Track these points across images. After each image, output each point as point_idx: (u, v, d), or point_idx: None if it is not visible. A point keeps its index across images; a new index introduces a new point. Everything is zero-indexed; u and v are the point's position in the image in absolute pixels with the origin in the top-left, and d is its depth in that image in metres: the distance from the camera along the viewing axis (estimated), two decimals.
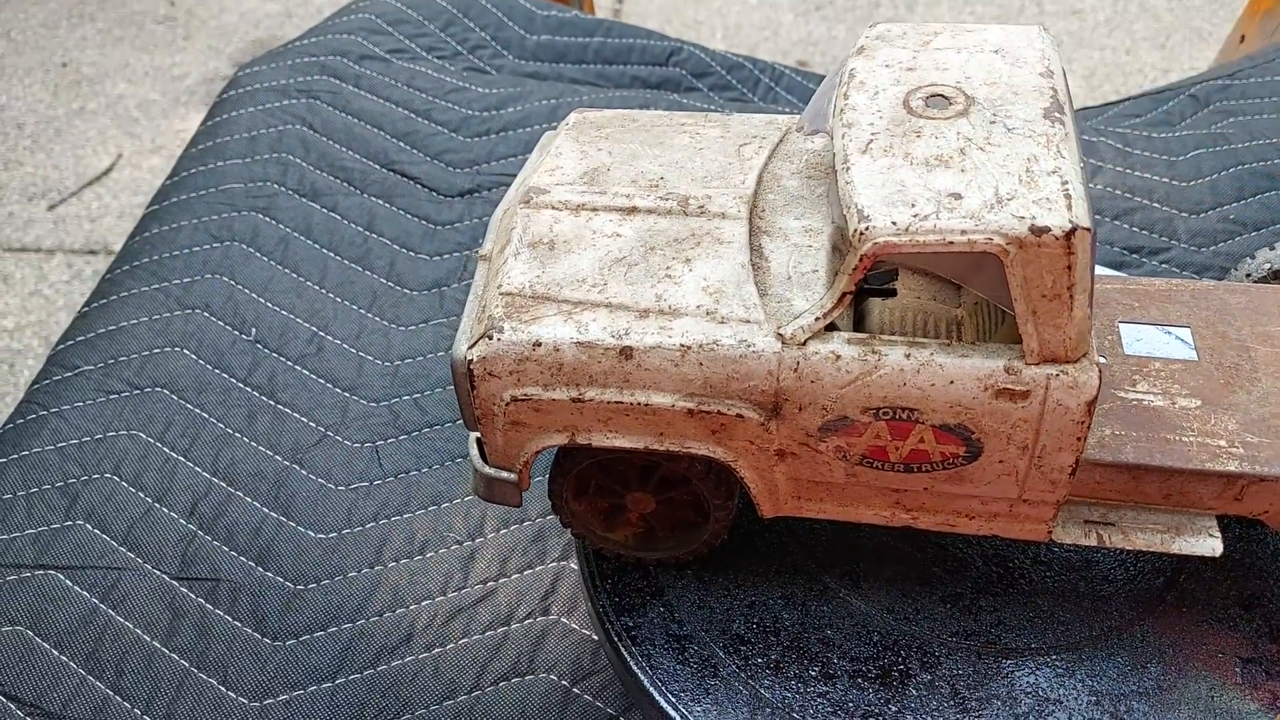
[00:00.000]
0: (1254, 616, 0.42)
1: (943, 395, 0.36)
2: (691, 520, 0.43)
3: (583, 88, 0.85)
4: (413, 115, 0.80)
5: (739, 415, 0.38)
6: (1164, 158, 0.77)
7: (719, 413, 0.38)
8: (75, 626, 0.52)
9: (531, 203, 0.42)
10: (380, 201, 0.74)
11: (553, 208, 0.41)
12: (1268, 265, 0.47)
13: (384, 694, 0.50)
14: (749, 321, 0.37)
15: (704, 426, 0.38)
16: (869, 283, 0.41)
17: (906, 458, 0.38)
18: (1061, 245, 0.34)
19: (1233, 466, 0.39)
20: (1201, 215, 0.72)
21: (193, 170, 0.77)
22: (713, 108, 0.83)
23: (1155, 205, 0.73)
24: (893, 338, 0.37)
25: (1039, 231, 0.34)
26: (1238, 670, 0.41)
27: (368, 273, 0.70)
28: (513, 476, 0.41)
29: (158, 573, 0.54)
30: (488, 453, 0.41)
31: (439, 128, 0.79)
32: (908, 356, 0.36)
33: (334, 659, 0.51)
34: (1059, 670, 0.41)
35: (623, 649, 0.42)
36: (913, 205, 0.35)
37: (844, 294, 0.36)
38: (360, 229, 0.72)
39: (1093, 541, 0.40)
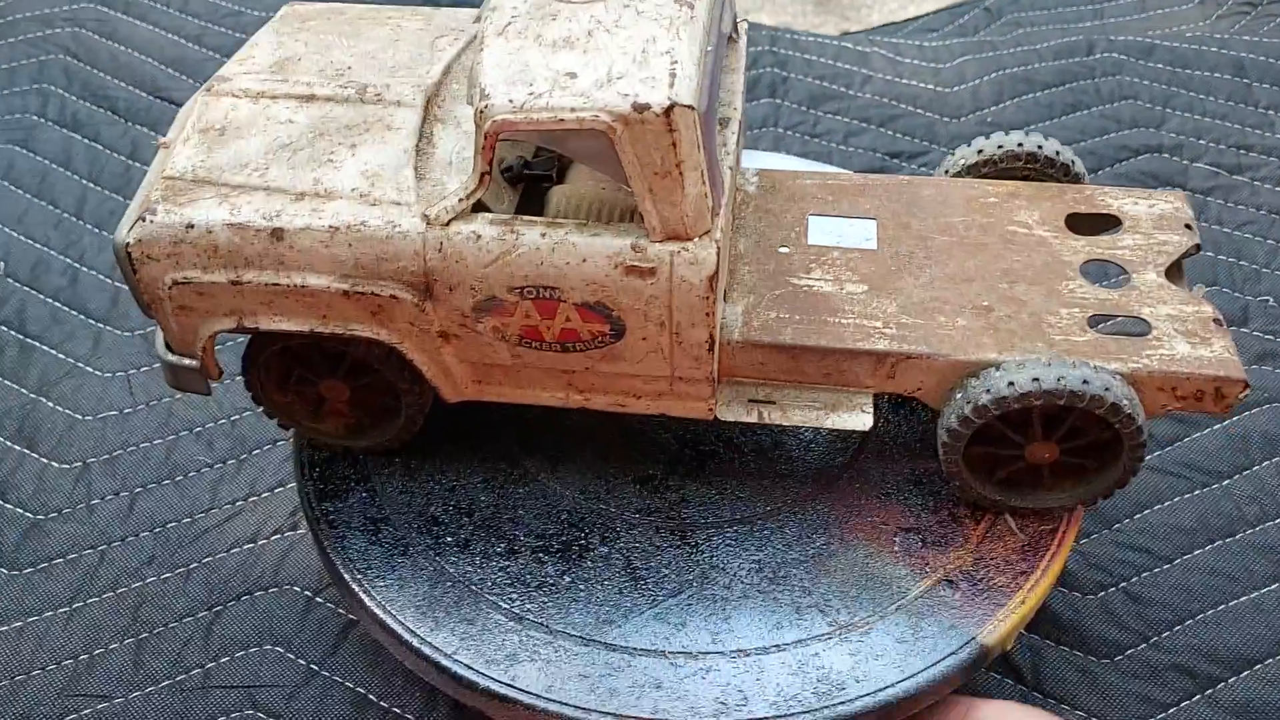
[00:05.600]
0: (921, 492, 0.44)
1: (578, 273, 0.37)
2: (391, 407, 0.44)
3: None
4: (183, 41, 0.78)
5: (393, 296, 0.38)
6: (931, 65, 0.79)
7: (373, 294, 0.38)
8: None
9: (213, 90, 0.42)
10: (146, 130, 0.72)
11: (233, 95, 0.41)
12: (963, 161, 0.49)
13: (122, 615, 0.49)
14: (400, 204, 0.38)
15: (362, 308, 0.39)
16: (532, 168, 0.41)
17: (559, 336, 0.39)
18: (662, 122, 0.35)
19: (881, 345, 0.41)
20: (961, 120, 0.75)
21: None
22: None
23: (919, 111, 0.75)
24: (533, 219, 0.38)
25: (640, 109, 0.35)
26: (895, 540, 0.43)
27: (129, 201, 0.68)
28: (194, 363, 0.41)
29: None
30: (168, 340, 0.41)
31: (211, 53, 0.77)
32: (544, 236, 0.37)
33: (72, 585, 0.50)
34: (730, 542, 0.43)
35: (319, 533, 0.43)
36: (530, 85, 0.36)
37: (482, 174, 0.37)
38: (123, 158, 0.70)
39: (754, 418, 0.41)
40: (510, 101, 0.35)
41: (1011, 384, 0.39)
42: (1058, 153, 0.48)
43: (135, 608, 0.50)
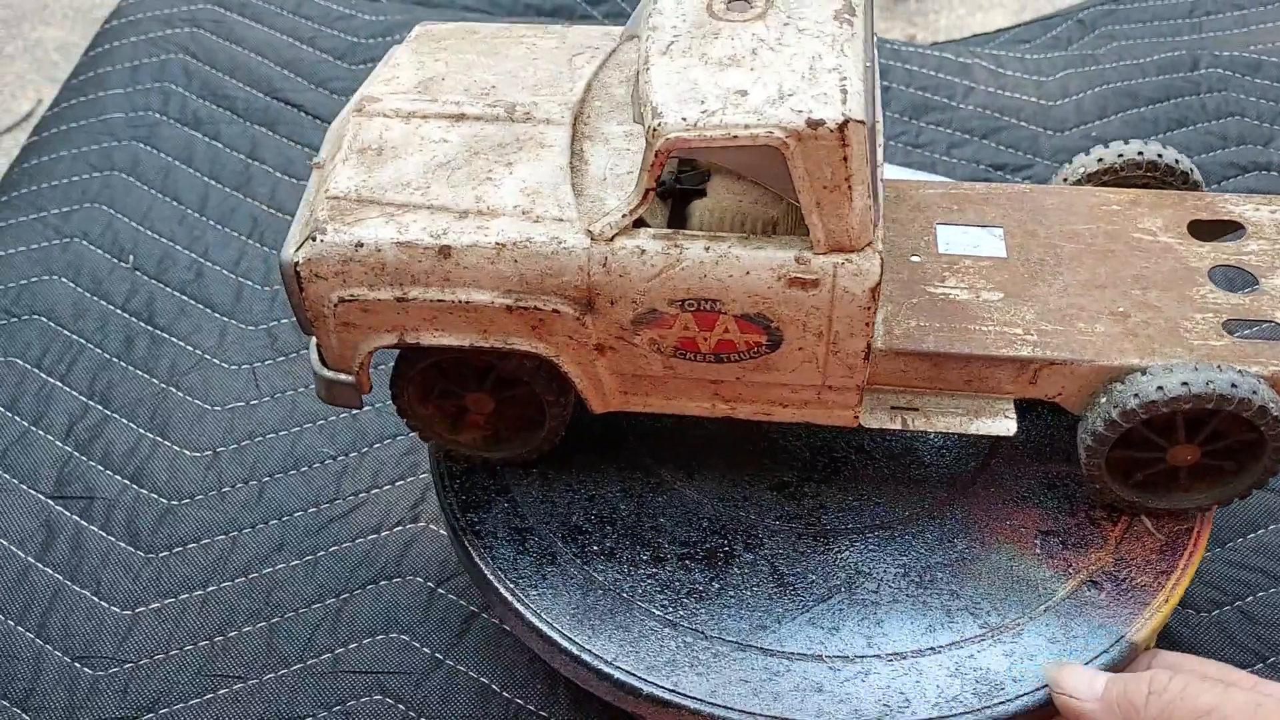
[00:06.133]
0: (1055, 495, 0.45)
1: (740, 286, 0.38)
2: (532, 419, 0.45)
3: (474, 16, 0.86)
4: (297, 43, 0.80)
5: (555, 310, 0.39)
6: (1033, 78, 0.79)
7: (536, 308, 0.39)
8: None
9: (364, 110, 0.43)
10: (263, 129, 0.74)
11: (384, 115, 0.42)
12: (1082, 169, 0.49)
13: (254, 599, 0.51)
14: (562, 220, 0.39)
15: (524, 322, 0.40)
16: (683, 183, 0.42)
17: (715, 348, 0.40)
18: (836, 138, 0.36)
19: (1025, 352, 0.41)
20: (1065, 133, 0.75)
21: (73, 101, 0.76)
22: None
23: (1022, 124, 0.75)
24: (695, 233, 0.39)
25: (814, 124, 0.36)
26: (1036, 542, 0.44)
27: (249, 200, 0.70)
28: (350, 378, 0.42)
29: (33, 493, 0.55)
30: (325, 356, 0.42)
31: (324, 55, 0.80)
32: (707, 250, 0.38)
33: (206, 569, 0.52)
34: (872, 547, 0.44)
35: (467, 543, 0.44)
36: (702, 103, 0.37)
37: (647, 190, 0.38)
38: (242, 157, 0.73)
39: (897, 425, 0.42)
40: (683, 120, 0.36)
41: (1160, 388, 0.39)
42: (1177, 160, 0.49)
43: (267, 592, 0.52)
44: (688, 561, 0.43)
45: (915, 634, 0.41)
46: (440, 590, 0.51)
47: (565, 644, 0.41)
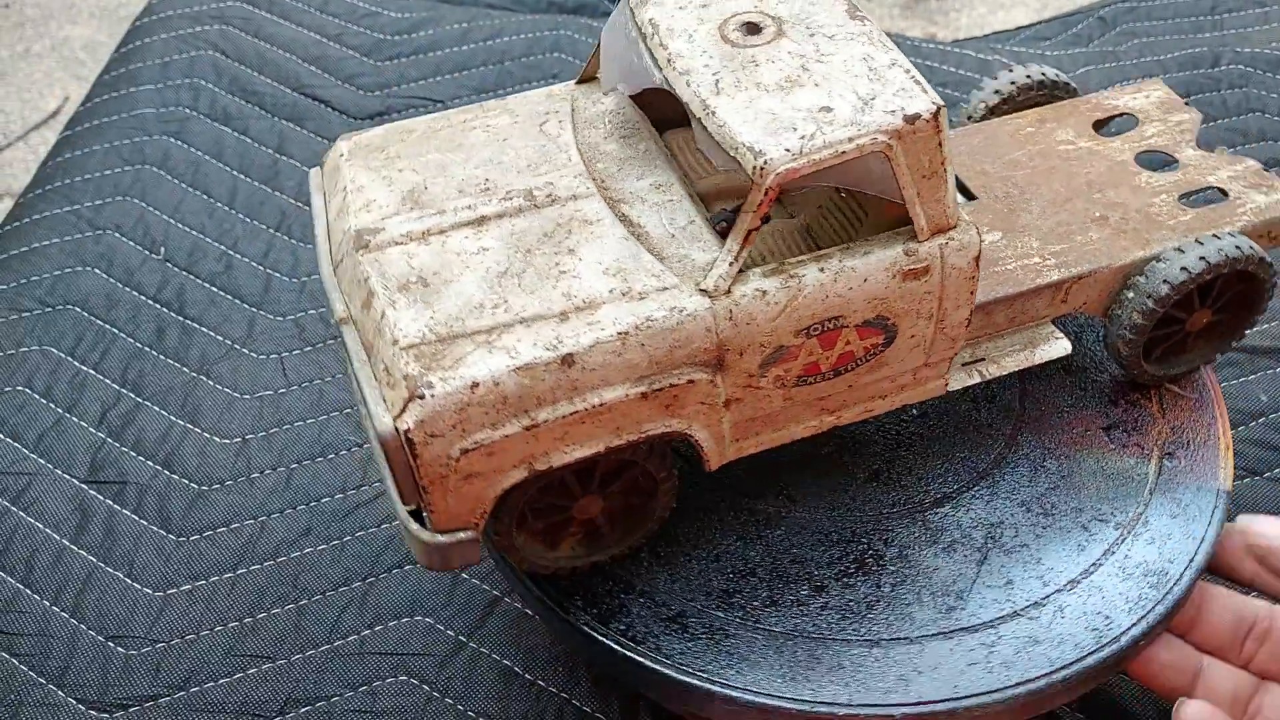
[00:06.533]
0: (1091, 395, 0.49)
1: (860, 294, 0.38)
2: (639, 506, 0.42)
3: (496, 12, 0.87)
4: (324, 39, 0.82)
5: (690, 381, 0.37)
6: None
7: (670, 385, 0.37)
8: None
9: (370, 246, 0.38)
10: (291, 124, 0.76)
11: (397, 244, 0.38)
12: (983, 104, 0.53)
13: (282, 582, 0.52)
14: (667, 289, 0.36)
15: (658, 405, 0.37)
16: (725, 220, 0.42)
17: (835, 363, 0.39)
18: (932, 126, 0.36)
19: (1054, 276, 0.44)
20: None
21: (105, 96, 0.78)
22: None
23: None
24: (802, 258, 0.38)
25: (911, 119, 0.36)
26: (1106, 437, 0.47)
27: (277, 194, 0.71)
28: (471, 534, 0.37)
29: (67, 477, 0.56)
30: (435, 519, 0.37)
31: (351, 52, 0.81)
32: (822, 270, 0.37)
33: (236, 552, 0.54)
34: (986, 498, 0.45)
35: (627, 652, 0.41)
36: (794, 129, 0.36)
37: (749, 232, 0.36)
38: (271, 151, 0.74)
39: (977, 379, 0.44)
40: (787, 151, 0.35)
41: (1184, 269, 0.44)
42: (1058, 75, 0.54)
43: (295, 575, 0.53)
44: (845, 578, 0.43)
45: (1073, 557, 0.43)
46: (464, 575, 0.52)
47: (793, 706, 0.40)
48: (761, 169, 0.35)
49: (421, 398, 0.34)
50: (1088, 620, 0.42)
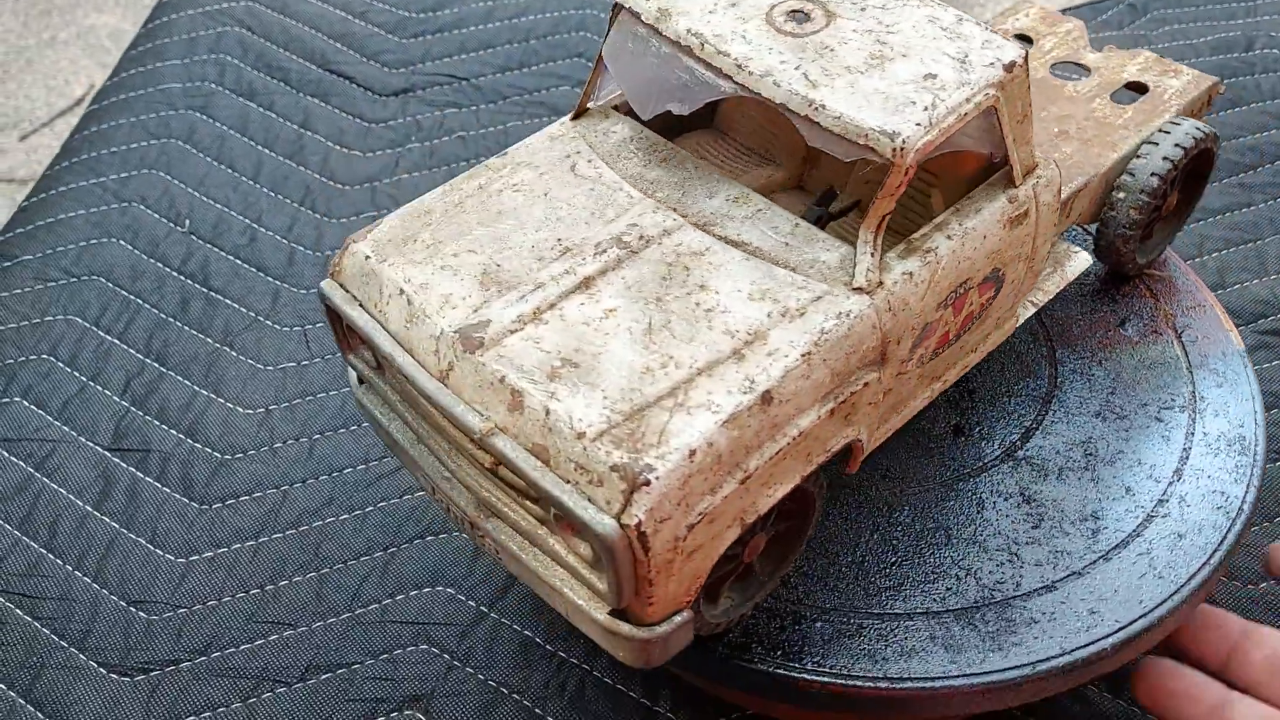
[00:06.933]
0: (1089, 297, 0.51)
1: (983, 252, 0.38)
2: (792, 534, 0.40)
3: None
4: (349, 17, 0.81)
5: (865, 384, 0.36)
6: None
7: (850, 394, 0.36)
8: (10, 494, 0.54)
9: (485, 344, 0.35)
10: (316, 100, 0.76)
11: (510, 334, 0.35)
12: None
13: (304, 550, 0.52)
14: (820, 297, 0.35)
15: (840, 417, 0.36)
16: (829, 208, 0.42)
17: (959, 327, 0.39)
18: (1024, 70, 0.37)
19: (1064, 193, 0.44)
20: None
21: (132, 71, 0.78)
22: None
23: None
24: (927, 230, 0.37)
25: (1010, 67, 0.37)
26: (1127, 332, 0.49)
27: (302, 168, 0.71)
28: (687, 615, 0.35)
29: (91, 444, 0.56)
30: (653, 610, 0.34)
31: (375, 29, 0.81)
32: (949, 238, 0.37)
33: (258, 520, 0.54)
34: (1064, 419, 0.47)
35: (808, 677, 0.40)
36: (912, 103, 0.35)
37: (884, 217, 0.35)
38: (295, 127, 0.74)
39: (1031, 310, 0.44)
40: (918, 125, 0.35)
41: (1165, 158, 0.47)
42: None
43: (316, 545, 0.53)
44: (987, 538, 0.43)
45: (1165, 449, 0.45)
46: None
47: (1017, 675, 0.39)
48: (901, 149, 0.34)
49: (647, 484, 0.31)
50: (1211, 500, 0.43)
